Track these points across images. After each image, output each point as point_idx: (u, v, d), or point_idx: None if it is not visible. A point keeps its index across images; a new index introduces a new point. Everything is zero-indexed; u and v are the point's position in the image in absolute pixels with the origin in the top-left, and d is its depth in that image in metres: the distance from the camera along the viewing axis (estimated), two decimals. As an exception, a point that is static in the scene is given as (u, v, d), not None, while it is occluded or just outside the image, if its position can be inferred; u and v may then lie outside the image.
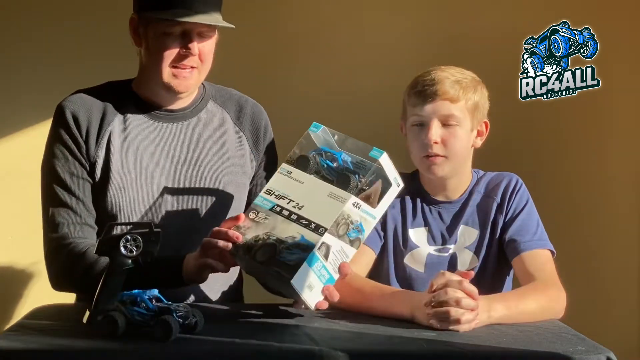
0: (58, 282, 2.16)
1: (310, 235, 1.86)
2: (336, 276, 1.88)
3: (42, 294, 2.56)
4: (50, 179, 2.17)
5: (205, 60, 2.18)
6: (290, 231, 1.88)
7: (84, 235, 2.14)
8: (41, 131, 2.25)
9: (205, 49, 2.16)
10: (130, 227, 1.87)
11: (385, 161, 1.92)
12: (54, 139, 2.18)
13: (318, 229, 1.86)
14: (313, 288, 1.86)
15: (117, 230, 1.99)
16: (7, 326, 1.95)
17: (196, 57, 2.15)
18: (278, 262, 1.85)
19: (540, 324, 1.94)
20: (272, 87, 3.15)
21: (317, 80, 3.23)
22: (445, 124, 2.16)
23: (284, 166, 1.99)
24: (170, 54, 2.13)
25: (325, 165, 1.95)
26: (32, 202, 2.37)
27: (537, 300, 2.01)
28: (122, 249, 1.82)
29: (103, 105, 2.19)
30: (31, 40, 3.16)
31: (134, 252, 1.83)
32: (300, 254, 1.85)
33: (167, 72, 2.14)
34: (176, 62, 2.14)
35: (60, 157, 2.16)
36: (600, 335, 1.86)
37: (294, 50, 3.24)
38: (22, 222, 3.10)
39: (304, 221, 1.88)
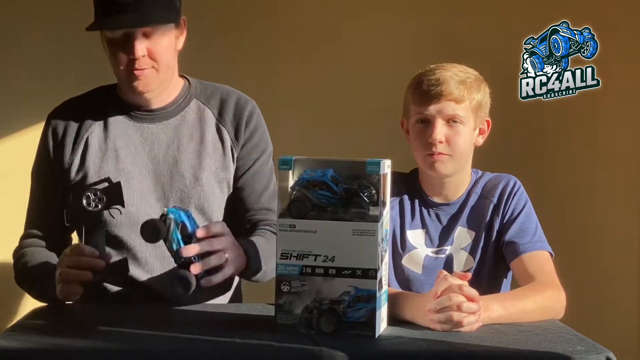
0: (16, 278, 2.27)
1: (364, 283, 1.75)
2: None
3: (42, 294, 2.55)
4: (31, 182, 2.31)
5: (160, 59, 2.15)
6: (339, 288, 1.76)
7: (48, 233, 2.26)
8: (38, 133, 2.28)
9: (156, 47, 2.13)
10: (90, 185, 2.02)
11: (385, 168, 1.81)
12: (38, 147, 2.30)
13: (368, 273, 1.75)
14: (384, 318, 1.84)
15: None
16: (7, 326, 1.95)
17: (146, 58, 2.12)
18: (350, 324, 1.76)
19: (540, 324, 1.94)
20: (273, 88, 3.15)
21: (318, 80, 3.23)
22: (449, 122, 2.17)
23: (281, 222, 1.78)
24: (121, 60, 2.13)
25: (322, 197, 1.78)
26: (31, 202, 2.37)
27: (535, 300, 2.01)
28: (87, 206, 1.94)
29: (84, 114, 2.25)
30: (30, 43, 3.16)
31: (100, 207, 1.95)
32: (366, 305, 1.76)
33: (124, 77, 2.15)
34: (129, 67, 2.13)
35: (39, 163, 2.28)
36: (600, 335, 1.86)
37: (294, 50, 3.24)
38: (22, 221, 3.09)
39: (347, 272, 1.75)
